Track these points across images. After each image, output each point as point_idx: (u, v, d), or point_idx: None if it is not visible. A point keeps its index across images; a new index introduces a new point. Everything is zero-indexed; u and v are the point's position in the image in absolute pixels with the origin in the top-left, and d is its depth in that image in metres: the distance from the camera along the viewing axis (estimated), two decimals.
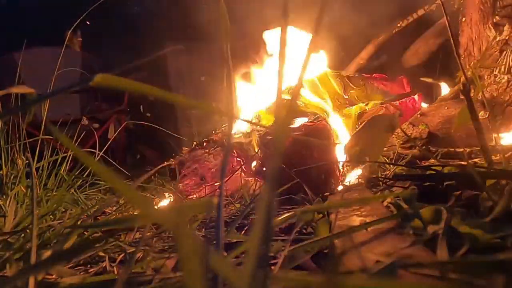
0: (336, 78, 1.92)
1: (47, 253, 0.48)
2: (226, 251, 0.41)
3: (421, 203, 0.53)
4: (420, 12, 3.26)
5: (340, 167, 1.43)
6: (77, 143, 1.30)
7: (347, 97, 1.91)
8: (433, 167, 0.76)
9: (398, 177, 0.81)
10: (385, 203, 0.66)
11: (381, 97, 1.96)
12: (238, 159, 1.56)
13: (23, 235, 0.62)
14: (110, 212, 1.19)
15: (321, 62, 2.10)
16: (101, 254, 0.63)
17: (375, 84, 2.02)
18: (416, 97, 1.96)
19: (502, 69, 1.65)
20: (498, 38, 1.77)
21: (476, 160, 0.93)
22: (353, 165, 1.28)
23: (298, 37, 1.90)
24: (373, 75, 2.10)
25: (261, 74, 2.09)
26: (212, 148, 1.67)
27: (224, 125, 1.85)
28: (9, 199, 0.83)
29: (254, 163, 1.48)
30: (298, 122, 1.53)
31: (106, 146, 1.36)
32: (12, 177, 1.01)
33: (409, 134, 1.55)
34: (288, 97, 1.64)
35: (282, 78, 0.26)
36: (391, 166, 1.07)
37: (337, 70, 2.13)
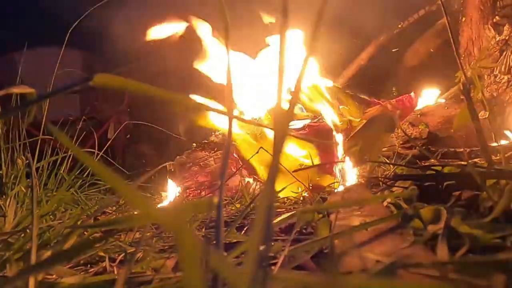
0: (330, 90, 1.91)
1: (47, 253, 0.48)
2: (226, 251, 0.41)
3: (421, 203, 0.53)
4: (421, 12, 3.26)
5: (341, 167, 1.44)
6: (77, 143, 1.30)
7: (342, 107, 1.90)
8: (433, 167, 0.76)
9: (398, 177, 0.81)
10: (385, 203, 0.66)
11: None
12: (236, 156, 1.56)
13: (23, 235, 0.62)
14: (110, 212, 1.19)
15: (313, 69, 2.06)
16: (101, 254, 0.63)
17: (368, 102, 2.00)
18: (412, 94, 1.97)
19: (502, 69, 1.65)
20: (498, 38, 1.77)
21: (476, 160, 0.93)
22: (353, 165, 1.28)
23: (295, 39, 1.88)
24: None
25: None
26: (212, 151, 1.67)
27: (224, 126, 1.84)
28: (9, 199, 0.83)
29: None
30: (302, 122, 1.53)
31: (106, 146, 1.36)
32: (12, 177, 1.01)
33: (409, 134, 1.55)
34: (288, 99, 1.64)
35: (282, 78, 0.26)
36: (391, 166, 1.07)
37: (335, 73, 2.11)
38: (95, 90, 3.99)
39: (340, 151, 1.52)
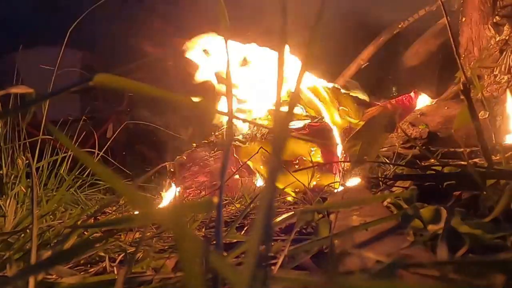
0: (330, 90, 1.90)
1: (47, 253, 0.48)
2: (226, 251, 0.41)
3: (421, 203, 0.53)
4: (421, 12, 3.26)
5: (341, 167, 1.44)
6: (77, 143, 1.30)
7: (342, 108, 1.89)
8: (433, 167, 0.75)
9: (398, 177, 0.81)
10: (385, 203, 0.66)
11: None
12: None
13: (23, 235, 0.62)
14: (110, 212, 1.19)
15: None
16: (101, 254, 0.63)
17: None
18: (412, 94, 1.96)
19: (502, 69, 1.66)
20: (498, 38, 1.77)
21: (476, 160, 0.93)
22: (353, 165, 1.28)
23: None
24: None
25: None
26: (212, 151, 1.67)
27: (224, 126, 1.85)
28: (9, 199, 0.83)
29: None
30: (303, 122, 1.54)
31: (106, 146, 1.36)
32: (12, 177, 1.01)
33: (409, 134, 1.55)
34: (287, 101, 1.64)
35: (282, 79, 0.26)
36: (391, 166, 1.07)
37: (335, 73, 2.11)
38: (95, 90, 4.00)
39: (340, 151, 1.52)
